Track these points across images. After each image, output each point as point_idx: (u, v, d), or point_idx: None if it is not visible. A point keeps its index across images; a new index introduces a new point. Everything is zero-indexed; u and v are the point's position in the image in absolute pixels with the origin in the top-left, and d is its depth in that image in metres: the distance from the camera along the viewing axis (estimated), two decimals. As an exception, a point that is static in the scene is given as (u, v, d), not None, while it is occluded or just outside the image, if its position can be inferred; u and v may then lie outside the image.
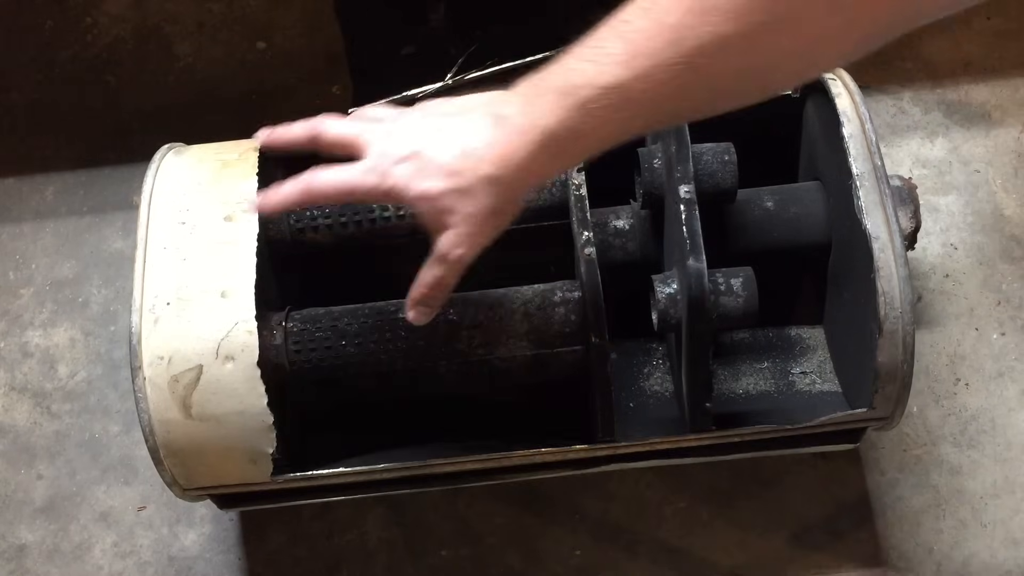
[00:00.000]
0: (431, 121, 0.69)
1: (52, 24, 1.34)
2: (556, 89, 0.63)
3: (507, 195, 0.68)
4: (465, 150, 0.66)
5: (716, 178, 0.91)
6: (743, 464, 1.09)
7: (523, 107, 0.65)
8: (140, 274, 0.88)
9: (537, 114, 0.64)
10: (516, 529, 1.10)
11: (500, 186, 0.67)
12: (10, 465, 1.16)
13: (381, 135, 0.71)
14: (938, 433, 1.11)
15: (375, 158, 0.70)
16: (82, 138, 1.29)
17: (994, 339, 1.14)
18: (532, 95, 0.65)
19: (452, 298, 0.91)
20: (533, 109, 0.64)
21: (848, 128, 0.90)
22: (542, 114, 0.64)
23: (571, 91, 0.62)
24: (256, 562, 1.10)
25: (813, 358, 1.04)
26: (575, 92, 0.62)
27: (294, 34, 1.31)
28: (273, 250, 0.94)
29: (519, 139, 0.65)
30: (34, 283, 1.23)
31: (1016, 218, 1.19)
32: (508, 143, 0.65)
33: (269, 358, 0.88)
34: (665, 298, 0.87)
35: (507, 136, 0.65)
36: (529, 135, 0.64)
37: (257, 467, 0.88)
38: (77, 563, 1.12)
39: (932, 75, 1.25)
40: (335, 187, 0.71)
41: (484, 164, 0.66)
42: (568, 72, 0.63)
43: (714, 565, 1.08)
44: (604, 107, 0.61)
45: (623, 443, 0.90)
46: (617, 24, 0.61)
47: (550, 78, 0.64)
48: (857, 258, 0.88)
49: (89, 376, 1.19)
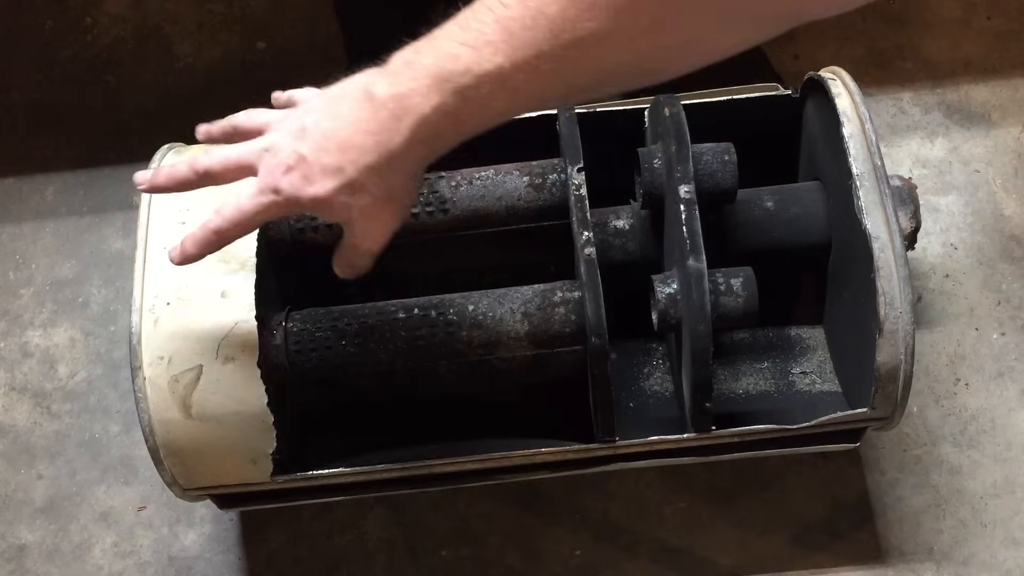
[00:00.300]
0: (311, 117, 0.68)
1: (52, 24, 1.34)
2: (432, 74, 0.62)
3: (396, 179, 0.67)
4: (343, 143, 0.65)
5: (716, 178, 0.91)
6: (743, 464, 1.09)
7: (397, 91, 0.63)
8: (140, 274, 0.88)
9: (412, 100, 0.63)
10: (516, 529, 1.10)
11: (386, 172, 0.66)
12: (10, 465, 1.16)
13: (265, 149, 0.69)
14: (938, 433, 1.11)
15: (262, 176, 0.69)
16: (82, 138, 1.29)
17: (994, 339, 1.14)
18: (406, 79, 0.63)
19: (452, 298, 0.91)
20: (407, 94, 0.63)
21: (848, 128, 0.90)
22: (417, 100, 0.62)
23: (448, 77, 0.61)
24: (256, 562, 1.10)
25: (813, 358, 1.04)
26: (452, 79, 0.61)
27: (294, 34, 1.31)
28: (273, 250, 0.94)
29: (395, 125, 0.64)
30: (34, 283, 1.23)
31: (1016, 218, 1.19)
32: (384, 130, 0.64)
33: (269, 358, 0.88)
34: (665, 298, 0.87)
35: (382, 123, 0.64)
36: (404, 121, 0.63)
37: (257, 467, 0.88)
38: (77, 563, 1.12)
39: (932, 75, 1.25)
40: (235, 221, 0.70)
41: (364, 154, 0.65)
42: (444, 56, 0.61)
43: (714, 565, 1.08)
44: (483, 95, 0.61)
45: (623, 443, 0.90)
46: (495, 7, 0.59)
47: (424, 59, 0.62)
48: (857, 258, 0.88)
49: (89, 376, 1.19)
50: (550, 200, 0.94)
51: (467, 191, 0.93)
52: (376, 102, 0.64)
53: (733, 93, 0.99)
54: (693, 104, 0.93)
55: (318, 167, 0.66)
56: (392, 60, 0.65)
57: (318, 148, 0.66)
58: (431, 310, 0.90)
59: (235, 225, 0.71)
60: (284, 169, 0.67)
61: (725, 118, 0.97)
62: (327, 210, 0.68)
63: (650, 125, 0.99)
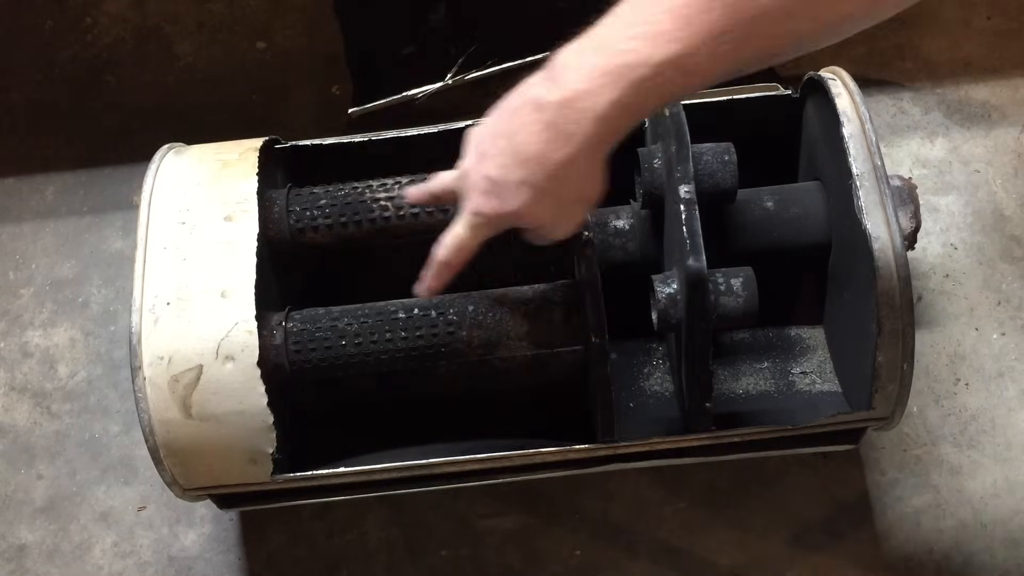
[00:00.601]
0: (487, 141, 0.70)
1: (52, 24, 1.34)
2: (605, 71, 0.62)
3: (580, 179, 0.68)
4: (521, 158, 0.67)
5: (716, 178, 0.91)
6: (743, 464, 1.09)
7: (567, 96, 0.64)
8: (140, 274, 0.88)
9: (586, 101, 0.63)
10: (516, 529, 1.10)
11: (568, 176, 0.67)
12: (10, 465, 1.16)
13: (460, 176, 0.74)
14: (938, 433, 1.11)
15: (465, 203, 0.73)
16: (82, 138, 1.29)
17: (994, 339, 1.14)
18: (576, 81, 0.64)
19: (452, 298, 0.91)
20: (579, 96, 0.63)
21: (848, 128, 0.90)
22: (593, 99, 0.63)
23: (623, 72, 0.61)
24: (256, 562, 1.10)
25: (813, 358, 1.04)
26: (628, 73, 0.61)
27: (294, 34, 1.31)
28: (273, 250, 0.94)
29: (571, 129, 0.65)
30: (34, 283, 1.23)
31: (1016, 218, 1.19)
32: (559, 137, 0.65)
33: (269, 358, 0.88)
34: (665, 298, 0.87)
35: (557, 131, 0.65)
36: (581, 124, 0.64)
37: (257, 467, 0.88)
38: (77, 563, 1.12)
39: (932, 75, 1.25)
40: (457, 247, 0.75)
41: (544, 165, 0.67)
42: (615, 52, 0.62)
43: (714, 565, 1.08)
44: (660, 83, 0.61)
45: (623, 443, 0.90)
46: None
47: (593, 60, 0.63)
48: (857, 258, 0.88)
49: (89, 376, 1.19)
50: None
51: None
52: (547, 111, 0.65)
53: (733, 93, 0.99)
54: (693, 104, 0.93)
55: (505, 185, 0.69)
56: (552, 65, 0.65)
57: (501, 167, 0.69)
58: (431, 310, 0.90)
59: (458, 251, 0.75)
60: (479, 194, 0.71)
61: (725, 118, 0.97)
62: (524, 220, 0.71)
63: (650, 125, 0.99)
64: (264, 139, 0.97)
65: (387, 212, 0.93)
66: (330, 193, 0.95)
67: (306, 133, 1.04)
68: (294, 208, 0.94)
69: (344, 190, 0.95)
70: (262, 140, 0.97)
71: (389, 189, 0.93)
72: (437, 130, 0.98)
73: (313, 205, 0.94)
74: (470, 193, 0.72)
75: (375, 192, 0.94)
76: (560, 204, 0.70)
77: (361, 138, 0.99)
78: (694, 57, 0.60)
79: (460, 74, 1.22)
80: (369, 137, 0.99)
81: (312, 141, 1.00)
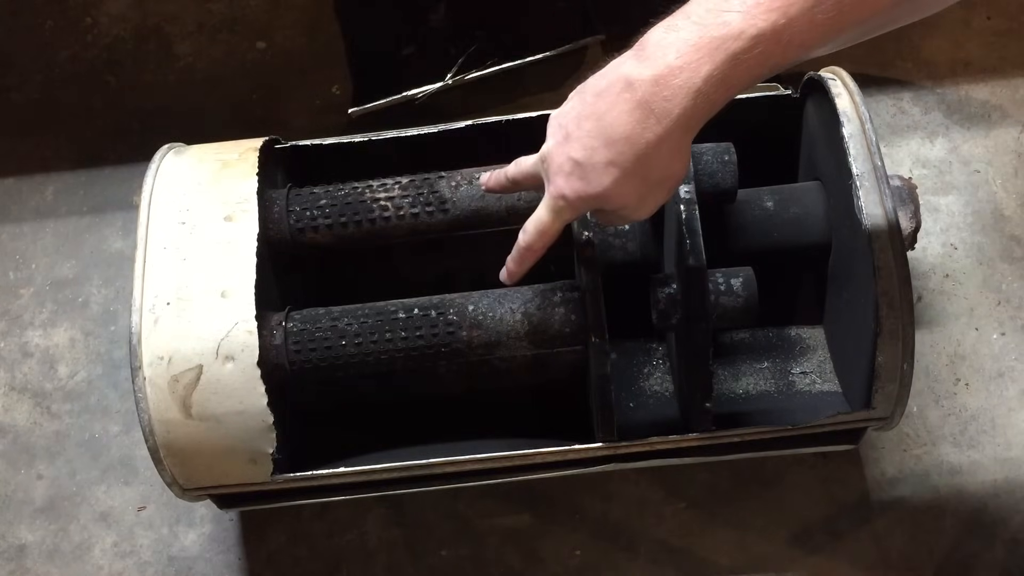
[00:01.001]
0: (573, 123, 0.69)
1: (52, 24, 1.34)
2: (699, 47, 0.61)
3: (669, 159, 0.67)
4: (609, 139, 0.66)
5: (716, 178, 0.91)
6: (743, 464, 1.09)
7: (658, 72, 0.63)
8: (140, 274, 0.88)
9: (681, 77, 0.62)
10: (516, 529, 1.10)
11: (658, 156, 0.66)
12: (10, 465, 1.16)
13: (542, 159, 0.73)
14: (938, 433, 1.11)
15: (548, 187, 0.72)
16: (82, 138, 1.29)
17: (994, 339, 1.14)
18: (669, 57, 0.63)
19: (452, 298, 0.91)
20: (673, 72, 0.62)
21: (848, 128, 0.90)
22: (687, 75, 0.62)
23: (719, 45, 0.61)
24: (256, 562, 1.10)
25: (813, 358, 1.04)
26: (723, 46, 0.61)
27: (294, 34, 1.31)
28: (273, 250, 0.94)
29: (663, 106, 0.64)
30: (34, 283, 1.23)
31: (1016, 218, 1.19)
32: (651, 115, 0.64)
33: (269, 358, 0.88)
34: (665, 298, 0.87)
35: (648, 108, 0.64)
36: (673, 101, 0.63)
37: (257, 467, 0.88)
38: (77, 563, 1.12)
39: (932, 75, 1.25)
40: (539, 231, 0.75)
41: (633, 145, 0.65)
42: (710, 25, 0.61)
43: (714, 565, 1.08)
44: (756, 55, 0.60)
45: (623, 443, 0.90)
46: None
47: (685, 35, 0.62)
48: (857, 258, 0.88)
49: (89, 376, 1.19)
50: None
51: (467, 191, 0.93)
52: (638, 90, 0.64)
53: (733, 93, 0.99)
54: (693, 104, 0.93)
55: (590, 166, 0.68)
56: (643, 43, 0.64)
57: (586, 148, 0.68)
58: (431, 310, 0.90)
59: (540, 235, 0.75)
60: (563, 176, 0.70)
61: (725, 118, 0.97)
62: (608, 202, 0.70)
63: (650, 125, 0.98)
64: (264, 139, 0.97)
65: (387, 212, 0.93)
66: (330, 193, 0.95)
67: (306, 133, 1.04)
68: (294, 208, 0.94)
69: (344, 190, 0.95)
70: (262, 140, 0.97)
71: (389, 189, 0.94)
72: (437, 130, 0.98)
73: (313, 205, 0.94)
74: (554, 176, 0.71)
75: (375, 192, 0.94)
76: (647, 185, 0.69)
77: (361, 138, 0.99)
78: (791, 27, 0.59)
79: (460, 74, 1.22)
80: (369, 137, 0.99)
81: (312, 141, 1.00)
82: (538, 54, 1.21)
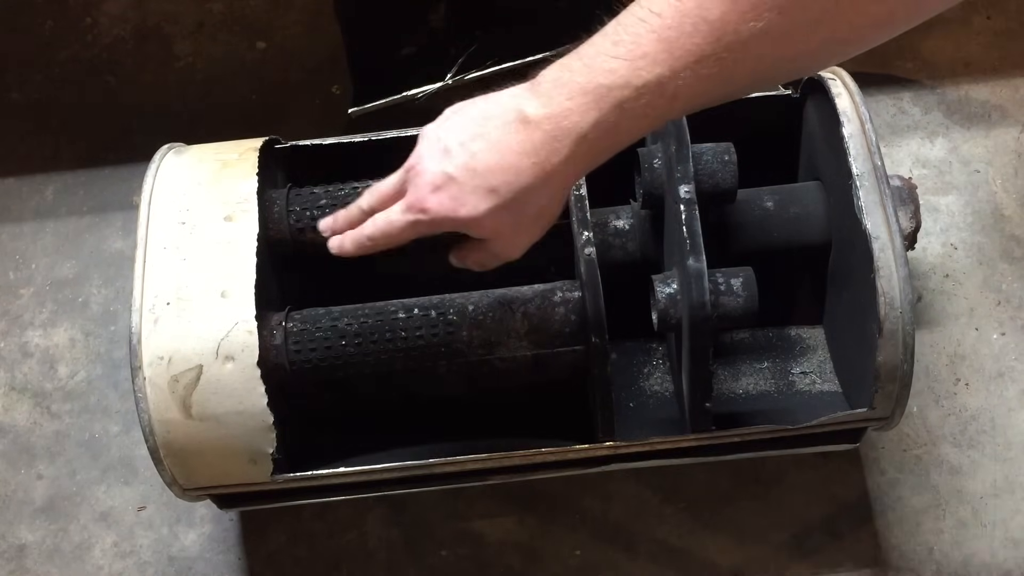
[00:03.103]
0: (454, 137, 0.68)
1: (52, 24, 1.34)
2: (587, 91, 0.61)
3: (548, 198, 0.67)
4: (496, 165, 0.65)
5: (716, 178, 0.91)
6: (743, 464, 1.09)
7: (553, 111, 0.63)
8: (140, 274, 0.88)
9: (569, 119, 0.62)
10: (516, 529, 1.10)
11: (539, 193, 0.66)
12: (10, 465, 1.16)
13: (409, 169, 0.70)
14: (938, 433, 1.11)
15: (410, 194, 0.70)
16: (82, 138, 1.29)
17: (994, 339, 1.14)
18: (561, 98, 0.63)
19: (452, 298, 0.91)
20: (564, 113, 0.63)
21: (848, 128, 0.89)
22: (575, 119, 0.62)
23: (605, 93, 0.61)
24: (256, 562, 1.10)
25: (813, 358, 1.04)
26: (609, 94, 0.61)
27: (294, 34, 1.31)
28: (273, 250, 0.94)
29: (553, 146, 0.64)
30: (34, 283, 1.23)
31: (1016, 218, 1.19)
32: (541, 152, 0.64)
33: (269, 358, 0.88)
34: (665, 298, 0.87)
35: (539, 145, 0.64)
36: (563, 141, 0.63)
37: (257, 467, 0.88)
38: (77, 563, 1.12)
39: (932, 75, 1.25)
40: (384, 233, 0.72)
41: (520, 176, 0.65)
42: (598, 72, 0.61)
43: (714, 565, 1.08)
44: (642, 105, 0.60)
45: (623, 443, 0.90)
46: (648, 18, 0.59)
47: (577, 78, 0.62)
48: (857, 258, 0.88)
49: (89, 376, 1.19)
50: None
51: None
52: (531, 124, 0.64)
53: (733, 93, 0.99)
54: (693, 104, 0.93)
55: (469, 188, 0.66)
56: (539, 79, 0.65)
57: (467, 169, 0.66)
58: (431, 310, 0.90)
59: (384, 236, 0.72)
60: (431, 188, 0.68)
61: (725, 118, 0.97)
62: (476, 229, 0.69)
63: (650, 125, 0.98)
64: (264, 139, 0.97)
65: (387, 212, 0.93)
66: (330, 193, 0.95)
67: (306, 133, 1.04)
68: (294, 208, 0.94)
69: (344, 190, 0.95)
70: (262, 140, 0.97)
71: (389, 189, 0.93)
72: (437, 130, 0.97)
73: (313, 205, 0.94)
74: (420, 187, 0.68)
75: (375, 192, 0.94)
76: (521, 219, 0.68)
77: (361, 138, 0.99)
78: (677, 80, 0.59)
79: (460, 74, 1.22)
80: (369, 137, 0.99)
81: (312, 141, 1.00)
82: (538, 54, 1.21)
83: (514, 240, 0.71)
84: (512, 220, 0.68)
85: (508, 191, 0.66)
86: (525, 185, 0.65)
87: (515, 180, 0.65)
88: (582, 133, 0.63)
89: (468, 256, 0.76)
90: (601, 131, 0.62)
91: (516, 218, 0.68)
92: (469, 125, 0.67)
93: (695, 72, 0.58)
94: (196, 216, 0.90)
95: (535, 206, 0.67)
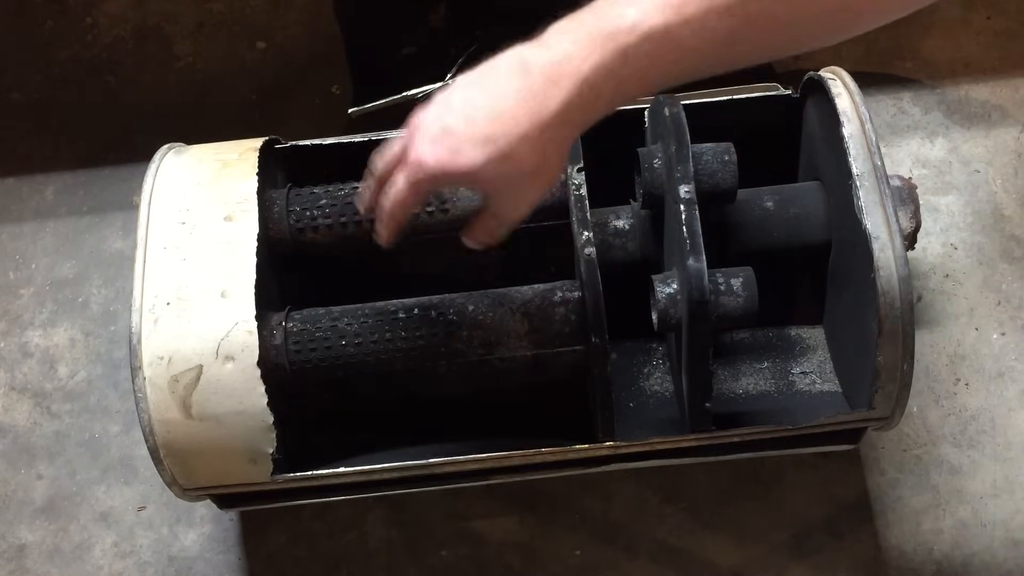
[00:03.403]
0: (458, 92, 0.66)
1: (52, 24, 1.34)
2: (592, 34, 0.60)
3: (548, 149, 0.65)
4: (493, 112, 0.64)
5: (716, 178, 0.91)
6: (743, 464, 1.09)
7: (553, 55, 0.62)
8: (140, 274, 0.88)
9: (571, 63, 0.61)
10: (516, 529, 1.10)
11: (539, 142, 0.64)
12: (10, 465, 1.16)
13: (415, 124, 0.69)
14: (938, 433, 1.11)
15: (409, 152, 0.68)
16: (82, 138, 1.29)
17: (994, 339, 1.14)
18: (564, 41, 0.61)
19: (452, 298, 0.91)
20: (566, 58, 0.61)
21: (848, 128, 0.89)
22: (576, 63, 0.61)
23: (610, 36, 0.60)
24: (256, 562, 1.10)
25: (813, 358, 1.04)
26: (614, 37, 0.59)
27: (294, 34, 1.31)
28: (273, 250, 0.94)
29: (551, 90, 0.62)
30: (34, 283, 1.23)
31: (1016, 218, 1.19)
32: (538, 96, 0.62)
33: (269, 358, 0.88)
34: (665, 298, 0.87)
35: (537, 90, 0.62)
36: (561, 84, 0.62)
37: (257, 467, 0.88)
38: (77, 563, 1.12)
39: (932, 75, 1.25)
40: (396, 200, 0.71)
41: (517, 123, 0.63)
42: (605, 16, 0.60)
43: (714, 565, 1.08)
44: (647, 53, 0.59)
45: (623, 443, 0.90)
46: None
47: (583, 23, 0.61)
48: (857, 258, 0.88)
49: (89, 376, 1.19)
50: (550, 200, 0.94)
51: (467, 191, 0.93)
52: (531, 70, 0.63)
53: (733, 93, 0.99)
54: (693, 104, 0.93)
55: (466, 137, 0.64)
56: (546, 33, 0.63)
57: (466, 119, 0.64)
58: (431, 310, 0.90)
59: (399, 205, 0.71)
60: (428, 141, 0.66)
61: (725, 118, 0.97)
62: (475, 181, 0.66)
63: (650, 125, 0.99)
64: (264, 139, 0.97)
65: (387, 212, 0.93)
66: (330, 193, 0.95)
67: (306, 133, 1.04)
68: (294, 208, 0.94)
69: (344, 190, 0.95)
70: (262, 140, 0.97)
71: (389, 189, 0.94)
72: (437, 130, 0.97)
73: (313, 205, 0.94)
74: (418, 142, 0.67)
75: (375, 192, 0.94)
76: (520, 172, 0.65)
77: (361, 138, 0.99)
78: (685, 28, 0.58)
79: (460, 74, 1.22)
80: (369, 137, 0.99)
81: (312, 141, 1.00)
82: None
83: (516, 198, 0.69)
84: (510, 173, 0.65)
85: (505, 141, 0.64)
86: (522, 132, 0.63)
87: (513, 129, 0.63)
88: (583, 76, 0.61)
89: (476, 229, 0.74)
90: (603, 75, 0.61)
91: (514, 171, 0.65)
92: (472, 80, 0.66)
93: (703, 23, 0.58)
94: (196, 216, 0.90)
95: (534, 158, 0.65)
